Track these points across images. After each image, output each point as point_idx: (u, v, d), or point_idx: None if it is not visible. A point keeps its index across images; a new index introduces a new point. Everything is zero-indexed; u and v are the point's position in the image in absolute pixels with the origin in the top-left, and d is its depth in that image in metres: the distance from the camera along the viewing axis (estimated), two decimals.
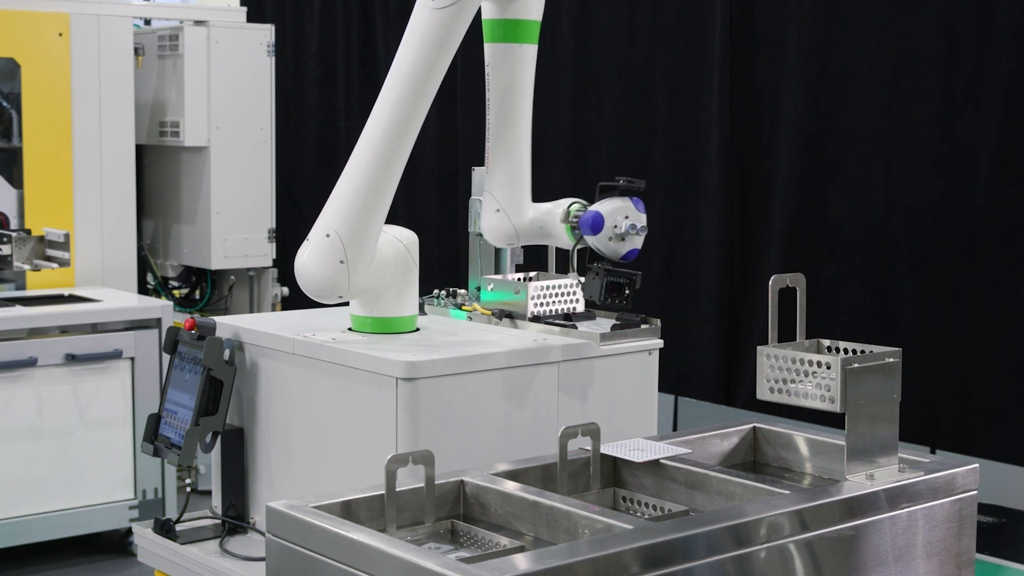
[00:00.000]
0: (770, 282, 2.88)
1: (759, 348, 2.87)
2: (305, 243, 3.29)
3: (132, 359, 5.56)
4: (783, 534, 2.45)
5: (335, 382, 3.19)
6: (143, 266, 6.75)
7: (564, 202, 3.51)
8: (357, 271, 3.23)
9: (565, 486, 2.75)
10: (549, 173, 6.31)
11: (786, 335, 2.90)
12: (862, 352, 2.80)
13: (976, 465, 2.80)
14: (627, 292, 3.40)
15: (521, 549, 2.40)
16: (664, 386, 3.76)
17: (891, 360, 2.72)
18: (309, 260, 3.25)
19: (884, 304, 5.15)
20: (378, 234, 3.29)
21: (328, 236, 3.22)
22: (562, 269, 3.75)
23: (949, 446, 4.91)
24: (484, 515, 2.65)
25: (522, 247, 3.76)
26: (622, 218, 3.35)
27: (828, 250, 5.35)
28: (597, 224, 3.33)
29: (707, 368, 5.79)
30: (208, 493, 3.64)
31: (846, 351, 2.86)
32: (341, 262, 3.21)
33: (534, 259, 3.85)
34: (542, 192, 6.31)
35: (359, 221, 3.23)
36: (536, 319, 3.47)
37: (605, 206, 3.36)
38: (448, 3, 3.18)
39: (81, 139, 6.11)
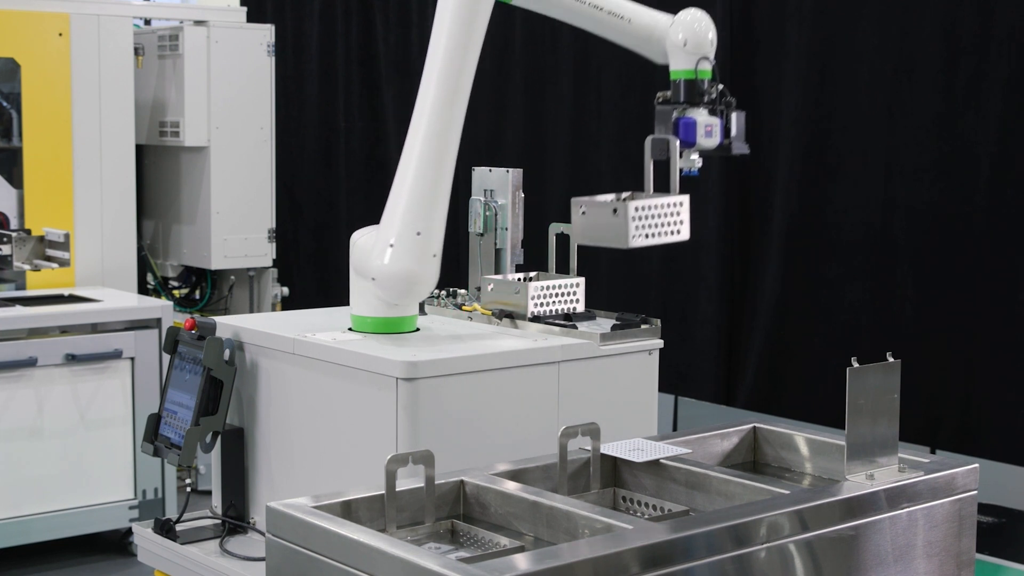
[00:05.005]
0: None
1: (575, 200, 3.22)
2: (387, 249, 3.23)
3: (132, 359, 5.55)
4: (783, 534, 2.45)
5: (335, 382, 3.19)
6: (143, 266, 6.75)
7: None
8: (439, 261, 3.28)
9: (565, 486, 2.75)
10: (549, 173, 6.31)
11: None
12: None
13: (976, 465, 2.80)
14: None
15: (521, 549, 2.40)
16: (664, 386, 3.76)
17: (889, 359, 2.72)
18: (409, 261, 3.22)
19: (884, 304, 5.15)
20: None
21: (419, 234, 3.23)
22: (562, 269, 3.75)
23: (949, 446, 4.90)
24: (484, 515, 2.65)
25: (522, 247, 3.77)
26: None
27: (828, 250, 5.35)
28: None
29: (707, 368, 5.79)
30: (208, 493, 3.64)
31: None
32: (434, 256, 3.25)
33: (534, 259, 3.86)
34: (542, 191, 6.30)
35: (439, 213, 3.27)
36: (536, 319, 3.47)
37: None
38: None
39: (81, 139, 6.10)
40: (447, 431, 3.05)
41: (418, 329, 3.44)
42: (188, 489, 3.61)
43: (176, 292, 6.97)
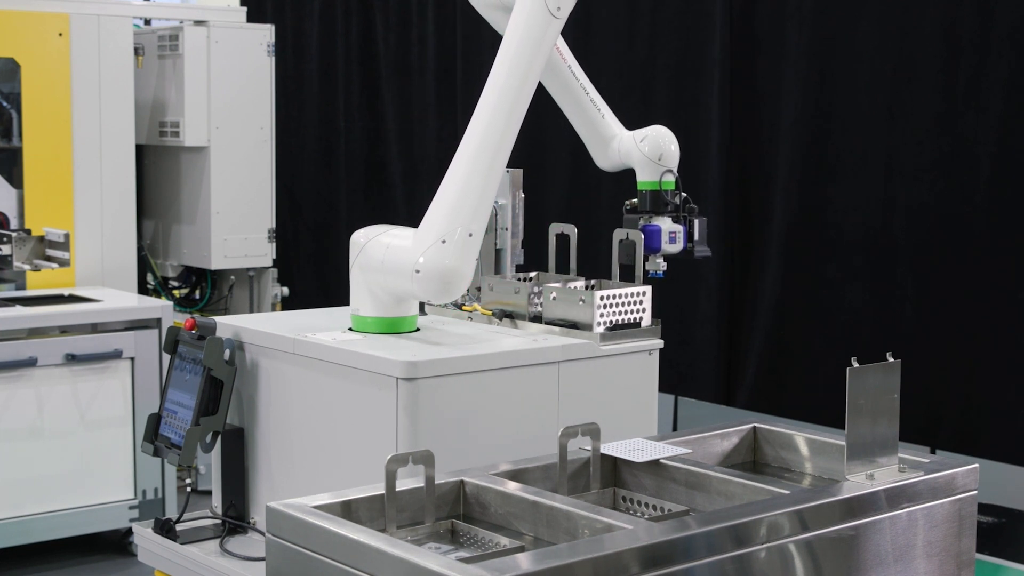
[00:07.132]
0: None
1: (547, 286, 3.42)
2: (439, 245, 3.20)
3: (132, 359, 5.55)
4: (783, 534, 2.45)
5: (335, 382, 3.19)
6: (143, 266, 6.75)
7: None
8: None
9: (565, 486, 2.75)
10: (549, 173, 6.31)
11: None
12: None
13: (976, 465, 2.80)
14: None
15: (521, 549, 2.40)
16: (664, 386, 3.76)
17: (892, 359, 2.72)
18: (458, 260, 3.20)
19: (884, 304, 5.15)
20: None
21: (471, 235, 3.23)
22: (562, 269, 3.75)
23: (949, 446, 4.91)
24: (484, 515, 2.65)
25: (522, 247, 3.77)
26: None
27: (828, 250, 5.35)
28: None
29: (707, 368, 5.79)
30: (208, 493, 3.64)
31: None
32: (476, 259, 3.27)
33: (534, 259, 3.86)
34: (542, 191, 6.29)
35: (484, 218, 3.28)
36: (536, 319, 3.48)
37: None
38: (567, 14, 3.35)
39: (81, 139, 6.10)
40: (447, 431, 3.05)
41: (418, 329, 3.44)
42: (188, 489, 3.61)
43: (176, 292, 6.97)
